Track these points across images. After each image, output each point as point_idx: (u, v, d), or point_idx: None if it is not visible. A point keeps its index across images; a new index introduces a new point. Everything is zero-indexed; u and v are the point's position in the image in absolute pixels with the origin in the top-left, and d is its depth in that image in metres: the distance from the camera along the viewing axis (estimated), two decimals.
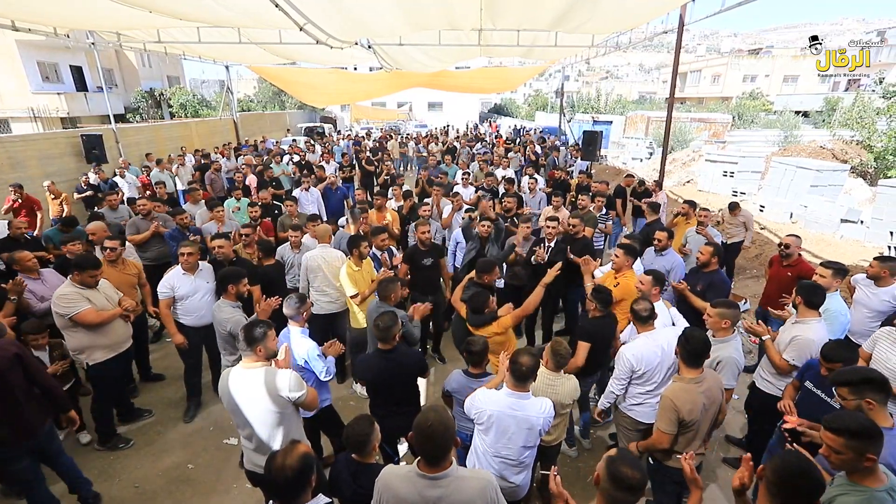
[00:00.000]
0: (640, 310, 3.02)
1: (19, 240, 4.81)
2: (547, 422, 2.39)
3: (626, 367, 2.95)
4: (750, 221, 6.60)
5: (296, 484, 1.69)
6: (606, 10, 6.44)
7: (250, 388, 2.35)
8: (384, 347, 2.81)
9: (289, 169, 10.09)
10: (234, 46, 9.37)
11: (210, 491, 3.41)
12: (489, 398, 2.41)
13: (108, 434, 3.79)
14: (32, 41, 17.49)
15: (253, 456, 2.49)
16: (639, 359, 2.92)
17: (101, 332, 3.47)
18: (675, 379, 2.58)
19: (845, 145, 14.61)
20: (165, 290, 3.79)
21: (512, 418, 2.34)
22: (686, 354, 2.49)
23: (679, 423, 2.43)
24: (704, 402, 2.45)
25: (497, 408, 2.36)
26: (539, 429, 2.38)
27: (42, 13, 6.77)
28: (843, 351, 2.63)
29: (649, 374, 2.94)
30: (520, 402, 2.36)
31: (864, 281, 3.93)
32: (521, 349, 2.47)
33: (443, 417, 1.85)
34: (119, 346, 3.62)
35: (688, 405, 2.40)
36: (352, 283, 4.08)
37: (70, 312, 3.29)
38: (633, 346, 3.02)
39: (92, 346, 3.46)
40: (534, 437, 2.40)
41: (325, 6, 5.81)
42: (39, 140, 9.48)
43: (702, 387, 2.46)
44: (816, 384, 2.72)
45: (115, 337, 3.58)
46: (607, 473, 1.64)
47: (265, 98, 31.34)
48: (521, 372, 2.34)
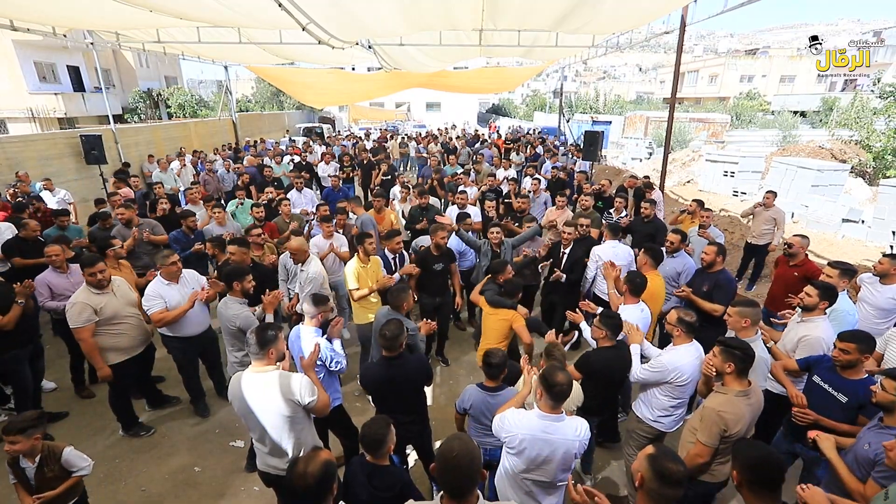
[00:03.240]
0: (692, 321, 2.81)
1: (30, 240, 4.75)
2: (583, 444, 2.22)
3: (660, 373, 2.81)
4: (781, 219, 6.28)
5: (317, 492, 1.67)
6: (609, 10, 6.43)
7: (263, 392, 2.33)
8: (389, 355, 2.76)
9: (289, 169, 10.06)
10: (233, 46, 9.32)
11: (217, 494, 3.38)
12: (520, 421, 2.21)
13: (130, 423, 3.91)
14: (29, 41, 17.39)
15: (267, 458, 2.47)
16: (677, 368, 2.77)
17: (118, 335, 3.53)
18: (719, 390, 2.42)
19: (844, 145, 14.68)
20: (156, 301, 3.57)
21: (546, 443, 2.16)
22: (740, 366, 2.33)
23: (721, 436, 2.30)
24: (751, 417, 2.34)
25: (529, 432, 2.17)
26: (575, 451, 2.20)
27: (41, 13, 6.71)
28: (858, 334, 2.60)
29: (683, 388, 2.81)
30: (554, 424, 2.17)
31: (870, 279, 3.95)
32: (554, 366, 2.28)
33: (469, 447, 1.71)
34: (134, 349, 3.69)
35: (735, 418, 2.28)
36: (355, 278, 4.06)
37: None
38: (674, 355, 2.84)
39: (110, 349, 3.52)
40: (569, 460, 2.22)
41: (327, 7, 5.79)
42: (38, 141, 9.40)
43: (750, 399, 2.34)
44: (824, 379, 2.71)
45: (131, 341, 3.65)
46: (653, 472, 1.62)
47: (263, 98, 31.30)
48: (557, 392, 2.13)
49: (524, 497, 2.31)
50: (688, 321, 2.82)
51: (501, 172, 9.19)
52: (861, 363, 2.59)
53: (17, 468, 2.33)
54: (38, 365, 3.97)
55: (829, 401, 2.64)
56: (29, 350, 3.80)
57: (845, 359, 2.56)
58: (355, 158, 11.53)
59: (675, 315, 2.87)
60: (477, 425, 2.77)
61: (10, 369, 3.67)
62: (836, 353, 2.59)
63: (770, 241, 6.31)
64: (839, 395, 2.60)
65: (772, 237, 6.29)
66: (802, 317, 3.23)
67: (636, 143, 18.73)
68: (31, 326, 3.82)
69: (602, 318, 3.02)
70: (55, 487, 2.36)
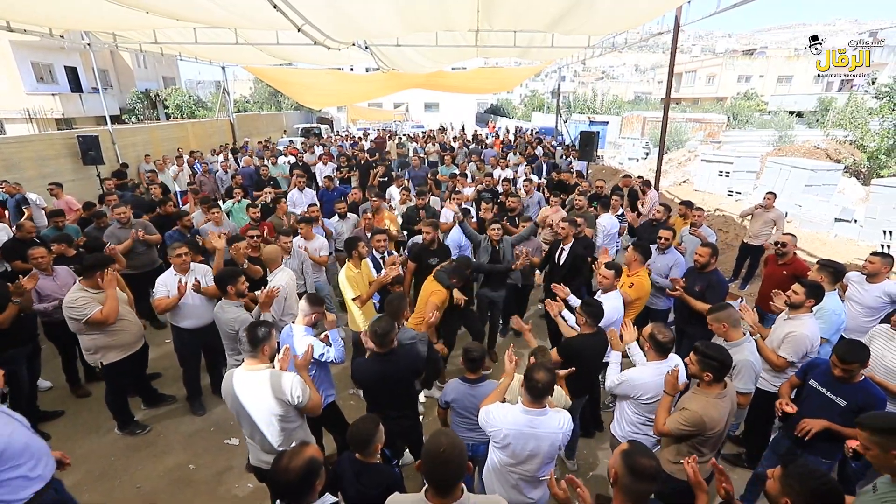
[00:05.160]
0: (664, 340, 2.75)
1: (27, 241, 4.76)
2: (566, 436, 2.30)
3: (622, 386, 2.80)
4: (781, 220, 6.27)
5: (300, 486, 1.70)
6: (603, 12, 6.48)
7: (254, 390, 2.37)
8: (381, 351, 2.80)
9: (286, 170, 10.09)
10: (230, 47, 9.36)
11: (212, 491, 3.41)
12: (504, 416, 2.30)
13: (126, 421, 3.97)
14: (26, 42, 17.39)
15: (258, 454, 2.51)
16: (638, 386, 2.76)
17: (114, 333, 3.59)
18: (697, 392, 2.46)
19: (839, 145, 14.75)
20: (161, 289, 3.79)
21: (531, 437, 2.25)
22: (717, 372, 2.38)
23: (693, 434, 2.36)
24: (727, 414, 2.40)
25: (514, 427, 2.26)
26: (558, 444, 2.30)
27: (38, 14, 6.74)
28: (859, 351, 2.59)
29: (647, 406, 2.77)
30: (537, 419, 2.26)
31: (857, 278, 3.99)
32: (537, 364, 2.36)
33: (455, 442, 1.75)
34: (131, 346, 3.75)
35: (715, 421, 2.35)
36: (352, 286, 4.04)
37: (84, 317, 3.39)
38: (639, 371, 2.83)
39: (106, 347, 3.59)
40: (553, 453, 2.32)
41: (322, 8, 5.82)
42: (35, 141, 9.44)
43: (726, 399, 2.41)
44: (822, 383, 2.71)
45: (129, 337, 3.72)
46: (626, 468, 1.65)
47: (261, 99, 31.30)
48: (537, 389, 2.24)
49: (511, 490, 2.35)
50: (659, 339, 2.74)
51: (498, 172, 9.23)
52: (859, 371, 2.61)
53: None
54: (34, 364, 3.99)
55: (827, 405, 2.64)
56: (28, 349, 3.82)
57: (849, 376, 2.58)
58: (353, 159, 11.56)
59: (649, 330, 2.82)
60: (460, 419, 2.81)
61: (8, 370, 3.69)
62: (840, 372, 2.58)
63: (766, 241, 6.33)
64: (837, 399, 2.61)
65: (769, 238, 6.25)
66: (789, 314, 3.27)
67: (633, 143, 18.78)
68: (29, 326, 3.83)
69: (583, 305, 3.15)
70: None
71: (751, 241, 6.53)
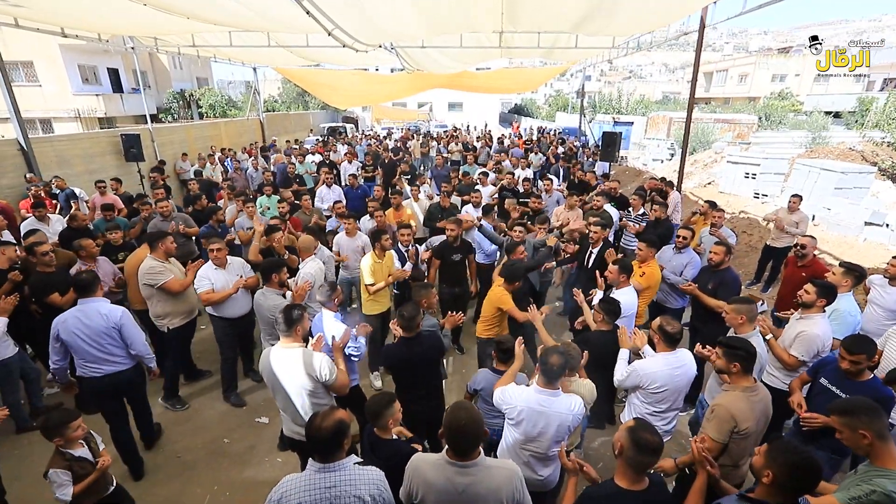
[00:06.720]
0: (672, 331, 2.81)
1: (80, 229, 5.25)
2: (577, 418, 2.43)
3: (631, 377, 2.89)
4: (804, 223, 6.32)
5: (331, 443, 1.91)
6: (625, 14, 6.52)
7: (288, 365, 2.62)
8: (407, 336, 3.00)
9: (312, 168, 10.46)
10: (262, 49, 9.78)
11: (244, 462, 3.71)
12: (519, 394, 2.48)
13: (173, 392, 4.36)
14: (74, 45, 18.37)
15: (291, 425, 2.78)
16: (648, 375, 2.83)
17: (179, 302, 4.08)
18: (726, 388, 2.50)
19: (876, 147, 14.19)
20: (204, 282, 3.99)
21: (541, 414, 2.41)
22: (744, 361, 2.42)
23: (732, 432, 2.36)
24: (760, 413, 2.41)
25: (526, 404, 2.43)
26: (568, 425, 2.43)
27: (90, 21, 7.26)
28: (865, 344, 2.65)
29: (657, 395, 2.85)
30: (549, 399, 2.41)
31: (879, 280, 3.99)
32: (551, 347, 2.54)
33: (473, 415, 1.94)
34: (190, 314, 4.25)
35: (744, 415, 2.35)
36: (371, 273, 4.31)
37: (158, 282, 3.90)
38: (648, 362, 2.89)
39: (173, 313, 4.08)
40: (563, 433, 2.45)
41: (351, 14, 6.09)
42: (84, 139, 10.08)
43: (757, 396, 2.43)
44: (832, 381, 2.77)
45: (188, 306, 4.20)
46: (631, 441, 1.81)
47: (289, 99, 32.12)
48: (550, 371, 2.40)
49: (523, 468, 2.50)
50: (668, 331, 2.81)
51: (519, 172, 9.33)
52: (867, 367, 2.67)
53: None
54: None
55: None
56: None
57: (856, 368, 2.63)
58: (378, 158, 11.86)
59: (658, 322, 2.89)
60: (486, 407, 2.96)
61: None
62: (847, 364, 2.63)
63: (790, 244, 6.27)
64: (847, 397, 2.65)
65: (792, 240, 6.21)
66: (801, 313, 3.32)
67: (658, 144, 18.50)
68: None
69: (601, 303, 3.30)
70: None
71: (773, 244, 6.48)
